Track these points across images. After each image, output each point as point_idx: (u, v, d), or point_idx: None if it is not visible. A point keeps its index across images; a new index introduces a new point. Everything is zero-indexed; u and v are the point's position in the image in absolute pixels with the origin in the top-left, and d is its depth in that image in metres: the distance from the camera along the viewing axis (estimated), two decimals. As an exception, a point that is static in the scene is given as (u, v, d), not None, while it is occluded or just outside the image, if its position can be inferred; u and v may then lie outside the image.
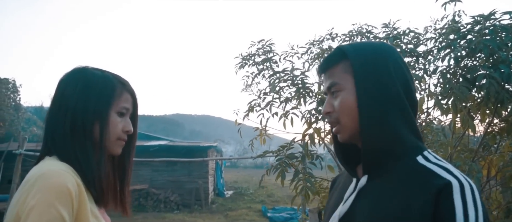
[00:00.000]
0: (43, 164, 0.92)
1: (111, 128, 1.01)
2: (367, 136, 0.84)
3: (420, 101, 1.91)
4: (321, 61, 1.00)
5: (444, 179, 0.76)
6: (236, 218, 11.53)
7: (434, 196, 0.74)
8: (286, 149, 1.94)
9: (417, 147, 0.84)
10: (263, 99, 2.51)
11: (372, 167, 0.86)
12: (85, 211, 0.89)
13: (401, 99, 0.84)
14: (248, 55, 2.65)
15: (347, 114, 0.88)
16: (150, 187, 13.80)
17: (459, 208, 0.72)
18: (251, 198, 15.58)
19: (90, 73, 1.04)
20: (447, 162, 0.83)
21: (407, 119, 0.84)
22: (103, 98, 1.00)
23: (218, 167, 17.14)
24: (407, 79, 0.87)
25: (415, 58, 2.23)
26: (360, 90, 0.86)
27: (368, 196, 0.86)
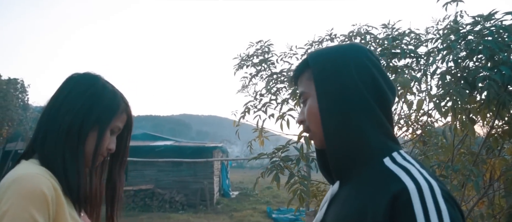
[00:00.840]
0: (19, 167, 0.91)
1: (103, 143, 1.01)
2: (330, 141, 0.82)
3: (418, 103, 1.87)
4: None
5: (401, 183, 0.71)
6: (241, 219, 11.52)
7: (390, 203, 0.69)
8: (281, 151, 1.92)
9: (385, 148, 0.80)
10: (260, 100, 2.49)
11: (342, 172, 0.83)
12: (63, 215, 0.87)
13: (365, 100, 0.81)
14: (247, 56, 2.64)
15: (313, 121, 0.86)
16: (156, 187, 13.85)
17: (420, 214, 0.66)
18: (256, 199, 15.55)
19: (102, 84, 1.05)
20: (416, 161, 0.78)
21: (375, 119, 0.81)
22: (108, 112, 1.02)
23: (223, 167, 17.15)
24: (375, 78, 0.83)
25: (416, 60, 2.20)
26: (320, 95, 0.84)
27: (337, 202, 0.84)
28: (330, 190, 0.88)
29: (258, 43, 2.67)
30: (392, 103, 0.87)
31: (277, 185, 1.94)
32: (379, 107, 0.81)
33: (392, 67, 2.11)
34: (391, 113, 0.85)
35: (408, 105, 1.98)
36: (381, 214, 0.68)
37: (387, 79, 0.86)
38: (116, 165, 1.15)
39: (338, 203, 0.82)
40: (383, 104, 0.83)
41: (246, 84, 2.67)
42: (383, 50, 2.19)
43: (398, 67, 2.17)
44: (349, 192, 0.80)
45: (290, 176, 1.80)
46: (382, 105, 0.82)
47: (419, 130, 2.35)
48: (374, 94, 0.82)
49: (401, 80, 1.76)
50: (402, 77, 1.78)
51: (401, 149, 0.82)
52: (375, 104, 0.81)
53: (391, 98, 0.85)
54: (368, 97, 0.81)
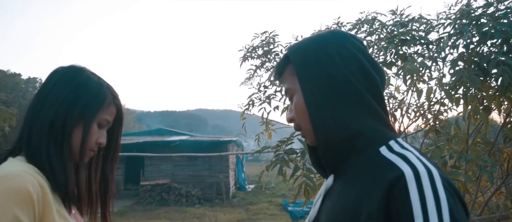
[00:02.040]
0: (4, 165, 0.88)
1: (88, 137, 0.98)
2: (320, 134, 0.77)
3: (428, 91, 1.80)
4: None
5: (398, 170, 0.65)
6: (257, 212, 11.54)
7: (385, 192, 0.63)
8: (285, 144, 1.87)
9: (381, 137, 0.75)
10: (264, 93, 2.44)
11: (335, 165, 0.79)
12: (50, 213, 0.85)
13: (354, 88, 0.76)
14: (252, 48, 2.59)
15: (301, 117, 0.81)
16: (172, 181, 14.00)
17: (416, 202, 0.61)
18: (272, 192, 15.57)
19: (86, 75, 1.01)
20: (415, 149, 0.72)
21: (367, 108, 0.75)
22: (92, 105, 0.98)
23: (239, 161, 17.21)
24: (361, 63, 0.78)
25: (426, 46, 2.11)
26: (304, 90, 0.79)
27: (331, 197, 0.79)
28: (324, 185, 0.84)
29: (263, 34, 2.62)
30: (383, 88, 0.82)
31: (283, 178, 1.90)
32: (370, 94, 0.76)
33: (400, 54, 2.03)
34: (383, 99, 0.80)
35: (418, 94, 1.90)
36: (376, 205, 0.63)
37: (374, 63, 0.80)
38: (107, 159, 1.11)
39: (332, 198, 0.78)
40: (374, 90, 0.77)
41: (251, 76, 2.62)
42: (392, 37, 2.11)
43: (408, 54, 2.09)
44: (343, 185, 0.76)
45: (295, 169, 1.76)
46: (372, 91, 0.77)
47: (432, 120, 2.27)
48: (363, 81, 0.76)
49: (409, 67, 1.69)
50: (410, 65, 1.71)
51: (398, 138, 0.76)
52: (365, 91, 0.76)
53: (380, 83, 0.80)
54: (356, 85, 0.76)
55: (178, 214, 11.23)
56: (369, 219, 0.64)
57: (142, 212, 11.74)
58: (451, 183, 0.65)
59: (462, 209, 0.63)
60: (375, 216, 0.63)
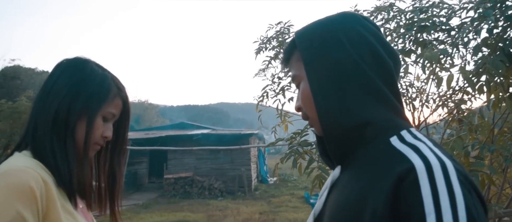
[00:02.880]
0: (9, 160, 0.88)
1: (93, 131, 0.96)
2: (325, 123, 0.73)
3: (448, 79, 1.72)
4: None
5: (408, 162, 0.60)
6: (279, 204, 11.55)
7: (393, 186, 0.58)
8: (299, 135, 1.84)
9: (392, 126, 0.69)
10: (278, 84, 2.40)
11: (342, 156, 0.74)
12: (55, 209, 0.84)
13: (363, 74, 0.71)
14: (266, 39, 2.55)
15: (308, 105, 0.77)
16: (195, 174, 14.18)
17: (428, 197, 0.55)
18: (294, 185, 15.53)
19: (90, 68, 0.99)
20: (429, 140, 0.67)
21: (377, 95, 0.70)
22: (95, 98, 0.96)
23: (260, 154, 17.24)
24: (373, 47, 0.72)
25: (447, 32, 2.02)
26: (310, 76, 0.74)
27: (337, 189, 0.75)
28: (330, 176, 0.80)
29: (277, 25, 2.57)
30: (397, 73, 0.77)
31: (298, 171, 1.87)
32: (382, 80, 0.71)
33: (420, 41, 1.95)
34: (396, 86, 0.74)
35: (438, 82, 1.82)
36: (382, 200, 0.58)
37: (387, 47, 0.75)
38: (115, 154, 1.09)
39: (338, 190, 0.74)
40: (386, 76, 0.72)
41: (265, 68, 2.58)
42: (410, 24, 2.03)
43: (428, 41, 2.01)
44: (349, 178, 0.71)
45: (310, 161, 1.72)
46: (385, 77, 0.72)
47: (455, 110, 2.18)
48: (374, 66, 0.71)
49: (428, 54, 1.61)
50: (429, 52, 1.63)
51: (412, 127, 0.71)
52: (377, 77, 0.71)
53: (394, 68, 0.74)
54: (366, 70, 0.70)
55: (201, 207, 11.38)
56: (374, 215, 0.59)
57: (166, 204, 11.95)
58: (468, 177, 0.59)
59: (480, 205, 0.57)
60: (380, 212, 0.58)
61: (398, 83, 0.77)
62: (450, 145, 1.66)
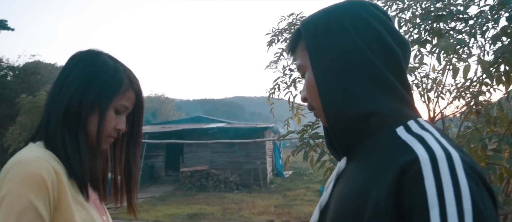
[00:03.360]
0: (22, 151, 0.89)
1: (105, 124, 0.96)
2: (330, 113, 0.71)
3: (465, 69, 1.66)
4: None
5: (411, 153, 0.58)
6: (294, 198, 11.55)
7: (396, 177, 0.56)
8: (310, 128, 1.81)
9: (399, 116, 0.67)
10: (290, 76, 2.38)
11: (347, 147, 0.72)
12: (66, 199, 0.85)
13: (370, 63, 0.68)
14: (278, 31, 2.53)
15: (312, 95, 0.75)
16: (210, 168, 14.29)
17: (431, 189, 0.53)
18: (310, 178, 15.49)
19: (102, 60, 0.99)
20: (436, 130, 0.64)
21: (384, 84, 0.68)
22: (106, 91, 0.95)
23: (276, 147, 17.23)
24: (380, 35, 0.70)
25: (464, 22, 1.95)
26: (314, 65, 0.73)
27: (342, 180, 0.73)
28: (336, 168, 0.79)
29: (289, 17, 2.54)
30: (406, 62, 0.74)
31: (310, 164, 1.86)
32: (389, 69, 0.69)
33: (435, 31, 1.89)
34: (405, 76, 0.72)
35: (454, 72, 1.76)
36: (385, 192, 0.56)
37: (396, 35, 0.72)
38: (130, 146, 1.09)
39: (343, 181, 0.72)
40: (394, 65, 0.70)
41: (276, 60, 2.56)
42: (426, 13, 1.97)
43: (444, 30, 1.95)
44: (354, 169, 0.70)
45: (321, 154, 1.70)
46: (392, 66, 0.70)
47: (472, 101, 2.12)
48: (381, 55, 0.69)
49: (444, 44, 1.56)
50: (445, 41, 1.58)
51: (420, 118, 0.69)
52: (383, 66, 0.69)
53: (402, 56, 0.72)
54: (372, 59, 0.68)
55: (216, 200, 11.47)
56: (377, 207, 0.57)
57: (182, 197, 12.09)
58: (476, 168, 0.57)
59: (489, 198, 0.54)
60: (383, 205, 0.56)
61: (407, 72, 0.75)
62: (466, 138, 1.61)
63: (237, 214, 9.53)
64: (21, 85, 16.91)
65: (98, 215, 0.96)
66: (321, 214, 0.76)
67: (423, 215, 0.52)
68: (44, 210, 0.80)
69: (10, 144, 10.85)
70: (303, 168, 18.50)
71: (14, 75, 18.19)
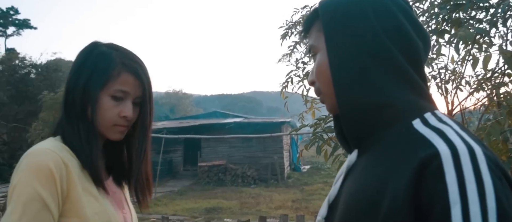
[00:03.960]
0: (38, 144, 0.92)
1: (101, 112, 0.93)
2: (343, 100, 0.68)
3: (485, 59, 1.60)
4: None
5: (432, 147, 0.55)
6: (311, 192, 11.51)
7: (415, 173, 0.53)
8: (324, 121, 1.79)
9: (415, 108, 0.65)
10: (303, 69, 2.34)
11: (359, 138, 0.70)
12: (75, 191, 0.86)
13: (387, 51, 0.66)
14: (292, 23, 2.49)
15: (323, 79, 0.72)
16: (228, 162, 14.38)
17: (453, 186, 0.50)
18: (327, 173, 15.39)
19: (92, 48, 0.97)
20: (455, 123, 0.61)
21: (400, 74, 0.66)
22: (94, 78, 0.93)
23: (293, 142, 17.19)
24: (400, 23, 0.67)
25: (485, 10, 1.88)
26: (330, 48, 0.69)
27: (353, 175, 0.70)
28: (346, 161, 0.76)
29: (303, 9, 2.50)
30: (426, 55, 0.72)
31: (324, 158, 1.83)
32: (407, 59, 0.67)
33: (454, 20, 1.83)
34: (422, 67, 0.70)
35: (473, 63, 1.70)
36: (402, 188, 0.53)
37: (417, 26, 0.70)
38: (136, 131, 1.02)
39: (354, 176, 0.69)
40: (412, 55, 0.67)
41: (290, 53, 2.52)
42: (445, 2, 1.91)
43: (463, 20, 1.88)
44: (367, 163, 0.67)
45: (334, 148, 1.68)
46: (410, 56, 0.67)
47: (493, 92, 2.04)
48: (400, 44, 0.67)
49: (463, 34, 1.51)
50: (464, 31, 1.53)
51: (437, 110, 0.66)
52: (401, 55, 0.66)
53: (422, 48, 0.69)
54: (390, 47, 0.66)
55: (234, 194, 11.54)
56: (394, 203, 0.54)
57: (200, 191, 12.22)
58: (500, 164, 0.54)
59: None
60: (400, 201, 0.53)
61: (425, 65, 0.72)
62: (486, 130, 1.55)
63: (255, 208, 9.56)
64: (43, 82, 17.38)
65: (112, 208, 0.96)
66: (329, 209, 0.73)
67: (444, 213, 0.50)
68: (51, 201, 0.82)
69: (33, 139, 11.17)
70: (320, 163, 18.39)
71: (36, 72, 18.71)
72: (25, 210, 0.79)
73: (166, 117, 26.65)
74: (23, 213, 0.78)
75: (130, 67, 0.96)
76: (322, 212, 0.75)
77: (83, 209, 0.87)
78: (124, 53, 0.98)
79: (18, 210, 0.78)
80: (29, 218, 0.79)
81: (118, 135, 0.98)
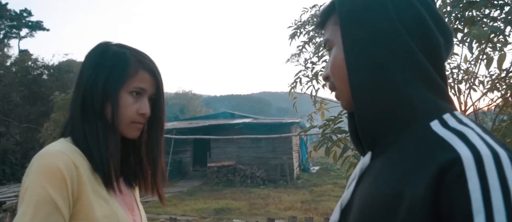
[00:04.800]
0: (48, 145, 0.91)
1: (121, 110, 0.95)
2: (359, 99, 0.65)
3: (499, 58, 1.55)
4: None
5: (452, 152, 0.51)
6: (321, 193, 11.44)
7: (435, 178, 0.50)
8: (333, 122, 1.75)
9: (434, 109, 0.61)
10: (312, 69, 2.31)
11: (374, 140, 0.66)
12: (86, 193, 0.86)
13: (406, 47, 0.63)
14: (301, 23, 2.47)
15: (338, 75, 0.69)
16: (237, 163, 14.38)
17: (476, 193, 0.47)
18: (337, 174, 15.30)
19: (105, 49, 0.98)
20: (477, 125, 0.57)
21: (419, 72, 0.63)
22: (113, 76, 0.94)
23: (302, 143, 17.12)
24: (422, 18, 0.64)
25: (500, 8, 1.83)
26: (346, 42, 0.66)
27: (367, 178, 0.67)
28: (359, 164, 0.72)
29: (312, 8, 2.48)
30: (447, 52, 0.68)
31: (333, 159, 1.80)
32: (426, 57, 0.63)
33: (467, 18, 1.78)
34: (443, 65, 0.66)
35: (488, 62, 1.65)
36: (421, 194, 0.50)
37: (440, 21, 0.66)
38: (151, 131, 1.04)
39: (369, 180, 0.66)
40: (432, 52, 0.64)
41: (299, 53, 2.49)
42: (457, 0, 1.86)
43: (477, 18, 1.83)
44: (382, 165, 0.63)
45: (344, 149, 1.64)
46: (430, 54, 0.64)
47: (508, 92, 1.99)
48: (420, 40, 0.64)
49: (476, 32, 1.46)
50: (477, 29, 1.48)
51: (456, 111, 0.63)
52: (421, 52, 0.63)
53: (443, 45, 0.65)
54: (410, 43, 0.63)
55: (243, 195, 11.53)
56: (411, 210, 0.51)
57: (209, 192, 12.24)
58: None
59: None
60: (418, 208, 0.51)
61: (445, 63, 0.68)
62: (501, 132, 1.51)
63: (264, 209, 9.53)
64: (55, 83, 17.60)
65: (122, 210, 0.95)
66: (342, 214, 0.70)
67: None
68: (62, 204, 0.81)
69: (45, 139, 11.31)
70: (330, 164, 18.29)
71: (49, 73, 18.94)
72: (36, 212, 0.79)
73: (175, 117, 26.79)
74: (35, 215, 0.78)
75: (146, 65, 0.99)
76: (334, 218, 0.72)
77: (93, 212, 0.86)
78: (137, 52, 1.00)
79: (29, 212, 0.78)
80: (40, 220, 0.79)
81: (136, 132, 0.99)
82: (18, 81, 17.79)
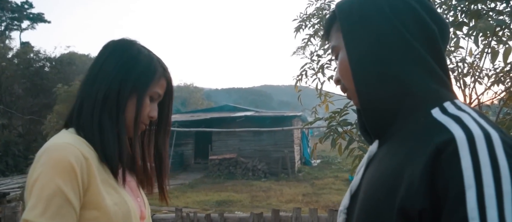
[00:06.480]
0: (53, 137, 0.92)
1: (143, 109, 0.99)
2: (362, 94, 0.70)
3: (505, 52, 1.56)
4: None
5: (447, 133, 0.55)
6: (322, 186, 11.49)
7: (431, 158, 0.53)
8: (338, 115, 1.77)
9: (435, 97, 0.65)
10: (318, 62, 2.32)
11: (380, 129, 0.71)
12: (95, 183, 0.87)
13: (405, 40, 0.67)
14: (306, 16, 2.47)
15: (345, 76, 0.74)
16: (239, 156, 14.42)
17: (468, 170, 0.50)
18: (338, 167, 15.35)
19: (137, 49, 1.02)
20: (474, 111, 0.61)
21: (421, 64, 0.66)
22: (144, 77, 0.99)
23: (304, 136, 17.16)
24: (417, 14, 0.69)
25: (505, 2, 1.83)
26: (348, 46, 0.72)
27: (374, 163, 0.71)
28: (367, 152, 0.77)
29: (317, 1, 2.48)
30: (444, 42, 0.72)
31: (338, 151, 1.82)
32: (426, 49, 0.67)
33: (473, 11, 1.79)
34: (442, 55, 0.69)
35: (493, 56, 1.66)
36: (418, 174, 0.54)
37: (433, 13, 0.70)
38: (160, 133, 1.12)
39: (374, 165, 0.71)
40: (431, 44, 0.68)
41: (304, 46, 2.50)
42: (463, -6, 1.86)
43: (483, 11, 1.84)
44: (387, 151, 0.68)
45: (349, 141, 1.66)
46: (429, 45, 0.68)
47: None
48: (418, 34, 0.68)
49: (482, 25, 1.47)
50: (483, 23, 1.49)
51: (456, 99, 0.66)
52: (420, 45, 0.67)
53: (438, 34, 0.69)
54: (409, 38, 0.67)
55: (244, 187, 11.58)
56: (410, 189, 0.55)
57: (211, 184, 12.30)
58: None
59: None
60: (416, 186, 0.54)
61: (445, 53, 0.72)
62: (506, 124, 1.52)
63: (265, 201, 9.59)
64: (57, 76, 17.59)
65: (131, 198, 0.98)
66: (352, 199, 0.74)
67: (459, 196, 0.50)
68: (72, 195, 0.82)
69: (48, 131, 11.34)
70: (331, 157, 18.34)
71: (51, 66, 18.94)
72: (48, 205, 0.79)
73: (177, 110, 26.79)
74: (46, 208, 0.79)
75: (167, 74, 1.05)
76: (345, 203, 0.76)
77: (103, 201, 0.87)
78: (159, 58, 1.06)
79: (41, 205, 0.79)
80: (52, 213, 0.79)
81: (138, 132, 1.02)
82: (20, 73, 17.79)
